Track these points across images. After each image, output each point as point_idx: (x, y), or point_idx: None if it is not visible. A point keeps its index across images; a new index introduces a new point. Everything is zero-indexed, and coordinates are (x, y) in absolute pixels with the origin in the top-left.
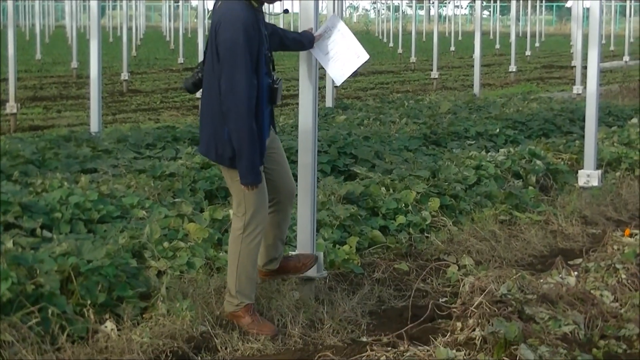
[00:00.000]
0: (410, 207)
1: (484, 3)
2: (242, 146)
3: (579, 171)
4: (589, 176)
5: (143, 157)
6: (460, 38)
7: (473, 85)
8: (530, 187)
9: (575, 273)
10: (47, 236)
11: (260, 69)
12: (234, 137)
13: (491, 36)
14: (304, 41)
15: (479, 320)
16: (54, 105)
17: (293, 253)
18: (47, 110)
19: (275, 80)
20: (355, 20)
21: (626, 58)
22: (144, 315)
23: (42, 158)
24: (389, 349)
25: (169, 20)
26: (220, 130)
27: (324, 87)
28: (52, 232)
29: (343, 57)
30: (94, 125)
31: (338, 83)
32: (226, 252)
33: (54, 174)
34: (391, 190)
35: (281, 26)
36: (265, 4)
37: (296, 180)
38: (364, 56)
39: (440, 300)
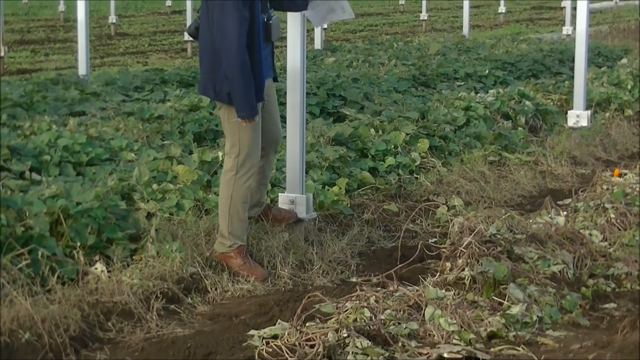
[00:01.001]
0: (399, 149)
1: None
2: (236, 79)
3: (569, 112)
4: (578, 117)
5: (131, 99)
6: None
7: (462, 26)
8: (520, 128)
9: (564, 213)
10: (36, 179)
11: (254, 4)
12: (228, 71)
13: None
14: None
15: (468, 260)
16: (41, 49)
17: (277, 206)
18: (34, 53)
19: (270, 17)
20: None
21: None
22: (133, 257)
23: (30, 101)
24: (379, 289)
25: None
26: (217, 67)
27: (313, 29)
28: (41, 174)
29: (327, 8)
30: (82, 69)
31: (316, 25)
32: (215, 194)
33: (42, 117)
34: (380, 132)
35: None
36: None
37: (285, 122)
38: (349, 13)
39: (430, 240)
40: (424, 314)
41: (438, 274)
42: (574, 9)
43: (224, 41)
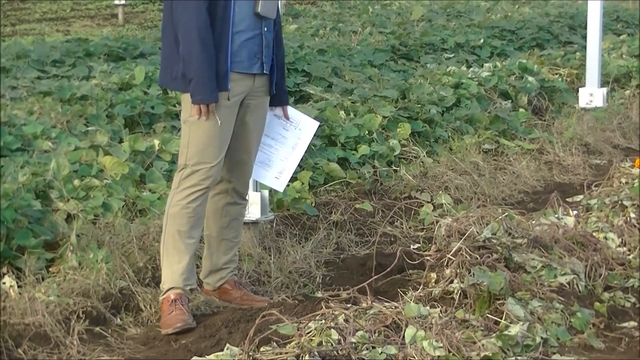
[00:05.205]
0: (375, 135)
1: None
2: (190, 49)
3: (580, 89)
4: (591, 95)
5: (48, 76)
6: None
7: None
8: (521, 109)
9: (575, 212)
10: None
11: None
12: (182, 40)
13: None
14: (279, 91)
15: (458, 270)
16: None
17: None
18: None
19: None
20: None
21: None
22: (50, 269)
23: None
24: (349, 305)
25: None
26: (176, 48)
27: None
28: None
29: (274, 160)
30: None
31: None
32: (150, 190)
33: None
34: (352, 115)
35: None
36: None
37: None
38: (280, 184)
39: (411, 247)
40: (403, 336)
41: (421, 287)
42: None
43: (182, 12)
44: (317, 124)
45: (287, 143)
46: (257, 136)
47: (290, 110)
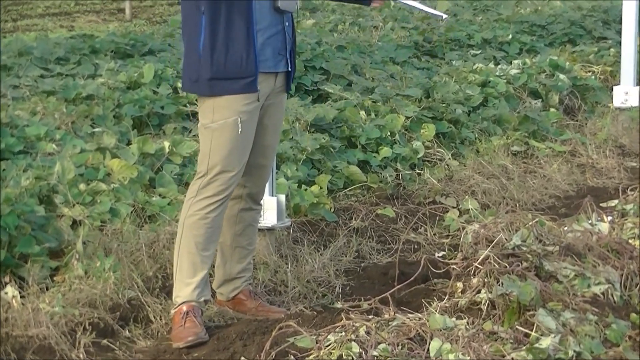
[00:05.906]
0: (397, 136)
1: None
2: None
3: (615, 88)
4: (627, 94)
5: (52, 74)
6: None
7: None
8: (552, 109)
9: (609, 218)
10: None
11: None
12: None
13: None
14: None
15: (486, 280)
16: None
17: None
18: None
19: None
20: None
21: None
22: (54, 278)
23: None
24: (370, 316)
25: None
26: (195, 44)
27: None
28: None
29: None
30: None
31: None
32: (160, 195)
33: None
34: (373, 115)
35: None
36: None
37: None
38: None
39: (436, 254)
40: (428, 349)
41: (447, 297)
42: None
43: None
44: None
45: None
46: (275, 138)
47: None
